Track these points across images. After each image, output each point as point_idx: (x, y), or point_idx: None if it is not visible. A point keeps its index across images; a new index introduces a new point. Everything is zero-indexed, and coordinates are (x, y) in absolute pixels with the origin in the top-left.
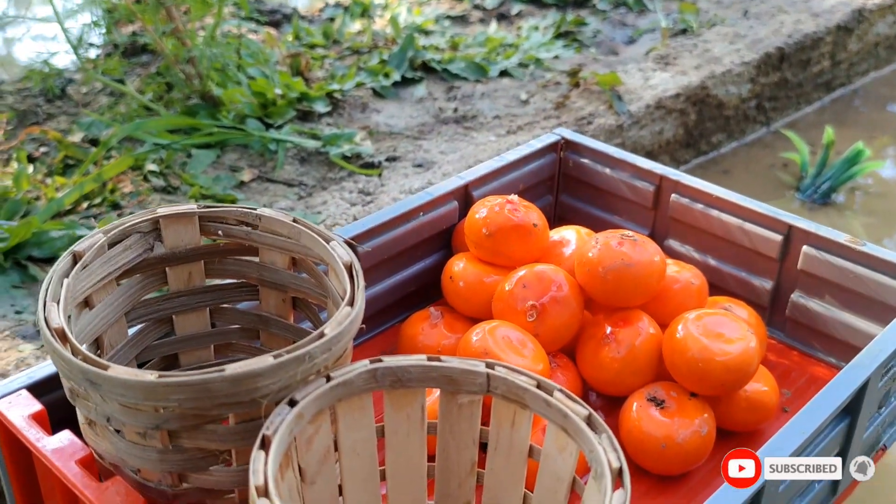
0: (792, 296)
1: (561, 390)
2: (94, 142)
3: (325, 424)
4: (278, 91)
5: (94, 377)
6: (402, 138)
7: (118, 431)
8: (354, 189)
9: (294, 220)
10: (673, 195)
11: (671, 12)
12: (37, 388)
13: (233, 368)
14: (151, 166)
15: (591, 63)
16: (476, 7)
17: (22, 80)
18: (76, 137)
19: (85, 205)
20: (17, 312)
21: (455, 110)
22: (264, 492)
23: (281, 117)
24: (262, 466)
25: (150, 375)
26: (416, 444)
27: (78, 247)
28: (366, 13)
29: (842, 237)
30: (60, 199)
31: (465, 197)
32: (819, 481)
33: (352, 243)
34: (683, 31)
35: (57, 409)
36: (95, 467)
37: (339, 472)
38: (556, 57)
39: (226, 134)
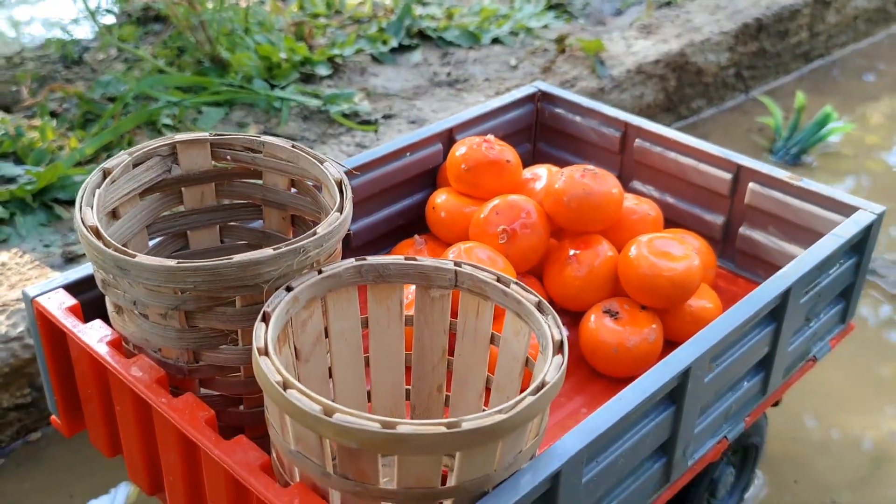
0: (740, 229)
1: (517, 283)
2: (112, 99)
3: (317, 311)
4: (283, 55)
5: (123, 264)
6: (398, 99)
7: (143, 316)
8: (352, 143)
9: (293, 146)
10: (637, 140)
11: None
12: (72, 288)
13: (240, 257)
14: (165, 120)
15: (578, 32)
16: None
17: (42, 46)
18: (95, 95)
19: (104, 155)
20: (46, 246)
21: (448, 74)
22: (265, 352)
23: (285, 79)
24: (262, 334)
25: (170, 262)
26: (395, 334)
27: (107, 164)
28: None
29: (783, 174)
30: (82, 149)
31: (449, 139)
32: (750, 378)
33: (342, 164)
34: (668, 3)
35: (89, 305)
36: (122, 349)
37: (329, 355)
38: (546, 26)
39: (234, 93)
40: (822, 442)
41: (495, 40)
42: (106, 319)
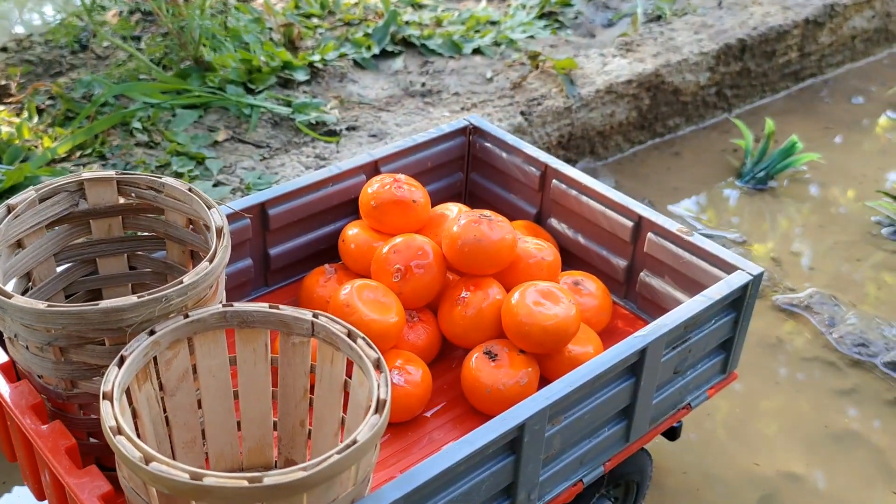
0: (640, 274)
1: (363, 338)
2: (88, 98)
3: (182, 351)
4: (263, 59)
5: (2, 303)
6: (367, 108)
7: (25, 347)
8: (312, 154)
9: (189, 189)
10: (554, 181)
11: None
12: None
13: (104, 303)
14: (136, 123)
15: (562, 45)
16: None
17: (48, 32)
18: (77, 94)
19: (78, 154)
20: None
21: (423, 84)
22: (110, 396)
23: (262, 83)
24: (112, 378)
25: (40, 305)
26: (261, 372)
27: (11, 201)
28: None
29: (674, 227)
30: (54, 148)
31: (374, 171)
32: (610, 427)
33: (235, 211)
34: (658, 18)
35: None
36: (14, 373)
37: (197, 390)
38: (532, 37)
39: (208, 97)
40: (715, 476)
41: (476, 50)
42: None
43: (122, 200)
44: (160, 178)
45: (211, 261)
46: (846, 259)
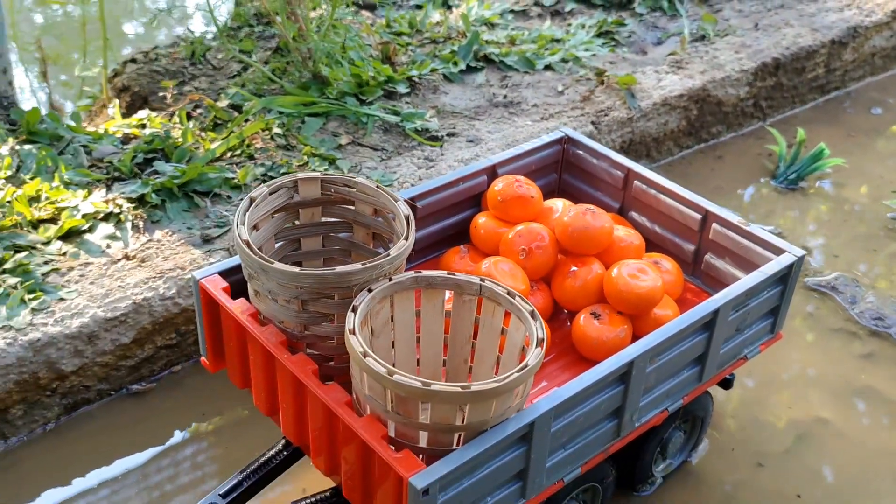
0: (706, 256)
1: (520, 296)
2: (234, 107)
3: (386, 305)
4: (371, 74)
5: (265, 267)
6: (461, 117)
7: (274, 300)
8: (422, 156)
9: (377, 186)
10: (635, 181)
11: (696, 18)
12: (224, 273)
13: (339, 269)
14: (277, 129)
15: (620, 62)
16: (536, 4)
17: (171, 46)
18: (223, 103)
19: (229, 154)
20: (189, 228)
21: (504, 96)
22: (353, 332)
23: (372, 95)
24: (351, 320)
25: (295, 269)
26: (438, 322)
27: (252, 194)
28: (445, 3)
29: (736, 219)
30: (213, 150)
31: (492, 172)
32: (689, 370)
33: (411, 203)
34: (702, 38)
35: (235, 286)
36: (258, 319)
37: (393, 333)
38: (594, 55)
39: (330, 107)
40: (759, 420)
41: (547, 66)
42: (247, 297)
43: (322, 195)
44: (354, 177)
45: (406, 239)
46: (865, 249)
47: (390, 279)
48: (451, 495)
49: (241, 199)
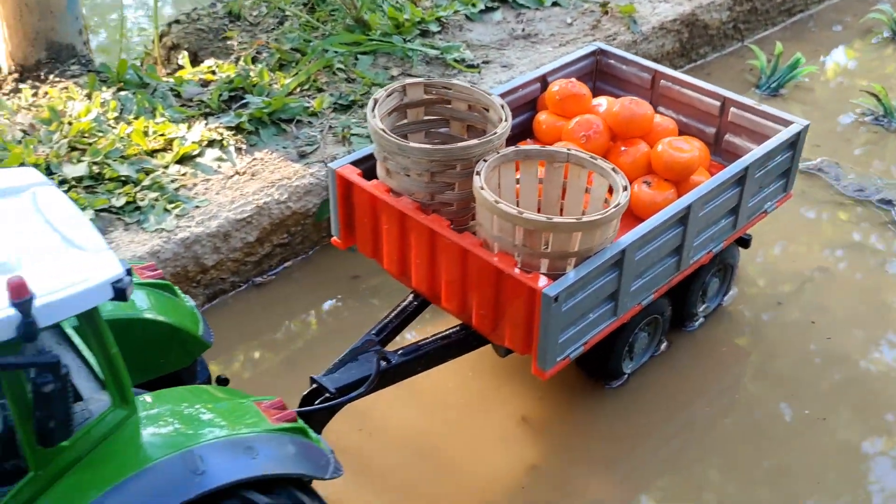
0: (725, 136)
1: (601, 158)
2: (295, 50)
3: (495, 172)
4: (406, 16)
5: (402, 146)
6: (490, 49)
7: (406, 175)
8: (465, 81)
9: (471, 85)
10: (662, 80)
11: None
12: (355, 163)
13: (461, 144)
14: (338, 65)
15: None
16: None
17: (209, 5)
18: (286, 47)
19: (299, 90)
20: (284, 148)
21: (523, 30)
22: (482, 188)
23: (409, 34)
24: (479, 180)
25: (428, 146)
26: (533, 184)
27: (375, 96)
28: None
29: (751, 102)
30: (288, 85)
31: (543, 80)
32: (726, 218)
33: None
34: None
35: (364, 174)
36: (391, 192)
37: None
38: None
39: (379, 45)
40: (771, 267)
41: (554, 3)
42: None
43: (425, 97)
44: (451, 80)
45: (506, 121)
46: (842, 139)
47: (497, 152)
48: (569, 305)
49: (321, 123)
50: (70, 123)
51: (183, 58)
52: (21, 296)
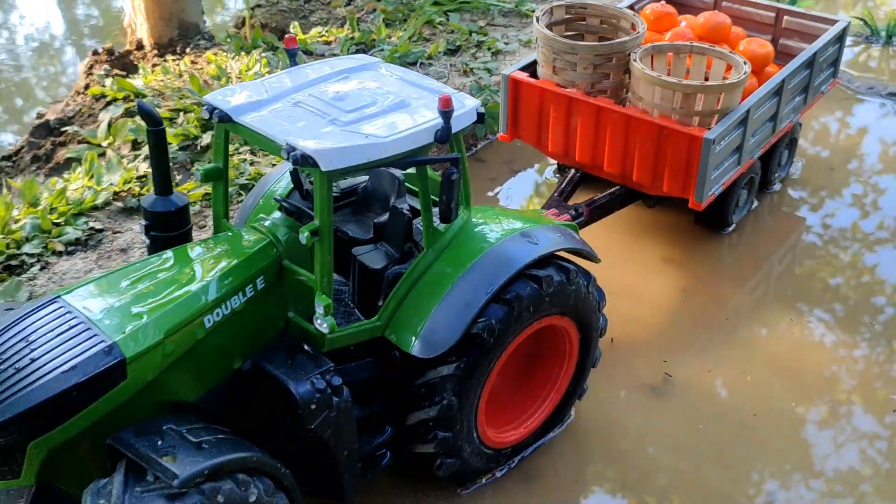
0: (780, 40)
1: (719, 47)
2: (395, 10)
3: (637, 63)
4: None
5: (573, 45)
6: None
7: (573, 70)
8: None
9: (602, 5)
10: (724, 2)
11: None
12: (521, 70)
13: (619, 39)
14: (438, 20)
15: None
16: None
17: None
18: (390, 8)
19: (408, 41)
20: None
21: None
22: (643, 69)
23: None
24: (637, 66)
25: (593, 43)
26: (663, 71)
27: (536, 14)
28: None
29: (799, 9)
30: (403, 36)
31: (631, 6)
32: (799, 94)
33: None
34: None
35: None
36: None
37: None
38: None
39: (463, 4)
40: (826, 148)
41: None
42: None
43: (566, 16)
44: (585, 0)
45: (640, 26)
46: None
47: (641, 48)
48: (719, 148)
49: (440, 62)
50: (239, 77)
51: (294, 27)
52: (447, 107)
